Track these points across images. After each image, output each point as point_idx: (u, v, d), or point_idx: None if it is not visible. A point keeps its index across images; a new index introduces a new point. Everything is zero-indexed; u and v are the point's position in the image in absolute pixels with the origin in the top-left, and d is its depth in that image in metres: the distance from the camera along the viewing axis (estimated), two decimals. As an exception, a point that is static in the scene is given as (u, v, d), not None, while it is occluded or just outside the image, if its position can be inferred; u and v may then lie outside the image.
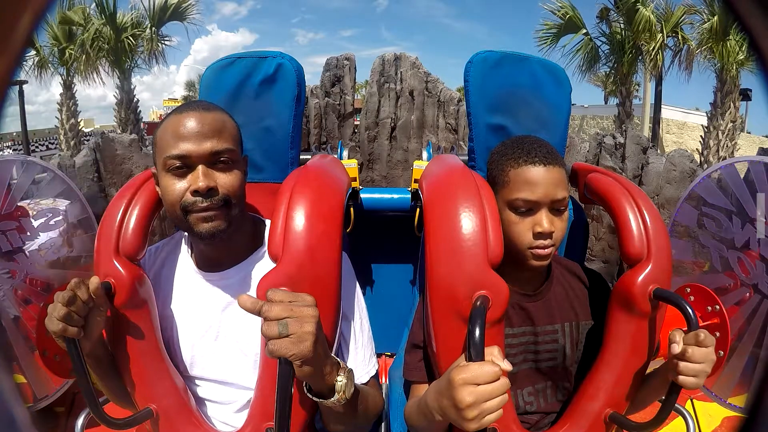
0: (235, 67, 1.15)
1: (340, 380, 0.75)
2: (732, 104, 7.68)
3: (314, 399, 0.76)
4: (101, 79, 8.72)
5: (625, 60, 8.02)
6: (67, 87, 8.71)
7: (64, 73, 8.59)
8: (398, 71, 4.76)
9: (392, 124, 4.68)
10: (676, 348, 0.75)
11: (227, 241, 0.89)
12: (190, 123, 0.82)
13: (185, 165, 0.81)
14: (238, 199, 0.85)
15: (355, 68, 4.71)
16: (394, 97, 4.72)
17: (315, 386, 0.75)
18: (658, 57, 7.95)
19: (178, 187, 0.81)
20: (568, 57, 8.61)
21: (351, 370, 0.78)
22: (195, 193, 0.80)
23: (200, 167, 0.81)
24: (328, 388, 0.75)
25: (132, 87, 8.88)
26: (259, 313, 0.68)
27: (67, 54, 8.21)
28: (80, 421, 0.90)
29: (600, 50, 8.62)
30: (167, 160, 0.82)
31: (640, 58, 8.15)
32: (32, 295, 1.19)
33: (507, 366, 0.69)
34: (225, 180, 0.82)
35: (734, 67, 7.32)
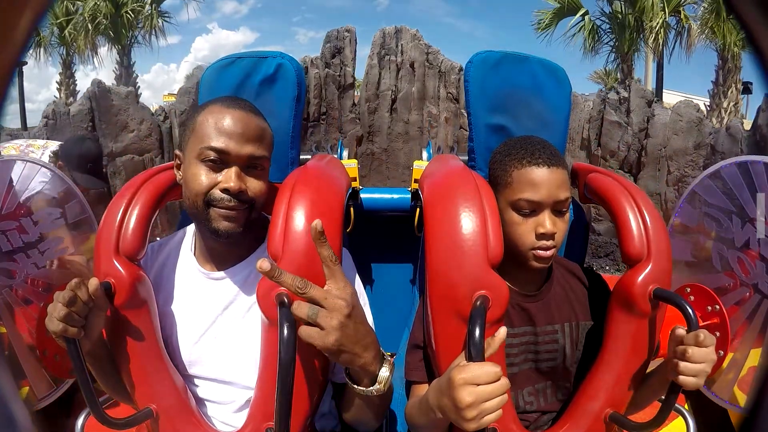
0: (235, 67, 1.15)
1: (384, 372, 0.76)
2: (734, 85, 7.61)
3: (353, 386, 0.76)
4: (100, 58, 8.71)
5: (627, 38, 7.93)
6: (67, 66, 8.67)
7: (64, 53, 8.56)
8: (399, 44, 4.70)
9: (393, 96, 4.63)
10: (678, 351, 0.76)
11: (238, 239, 0.89)
12: (236, 121, 0.83)
13: (221, 161, 0.83)
14: (261, 204, 0.87)
15: (356, 41, 4.65)
16: (394, 69, 4.67)
17: (354, 373, 0.76)
18: (659, 35, 7.90)
19: (208, 179, 0.83)
20: (568, 39, 8.57)
21: (393, 365, 0.79)
22: (225, 191, 0.82)
23: (235, 168, 0.83)
24: (369, 377, 0.75)
25: (132, 62, 8.82)
26: (272, 278, 0.68)
27: (66, 32, 8.17)
28: (80, 421, 0.91)
29: (600, 29, 8.53)
30: (204, 150, 0.82)
31: (641, 36, 8.08)
32: (32, 295, 1.19)
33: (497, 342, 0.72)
34: (255, 185, 0.85)
35: (735, 47, 7.25)
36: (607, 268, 2.98)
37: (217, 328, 0.90)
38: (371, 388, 0.75)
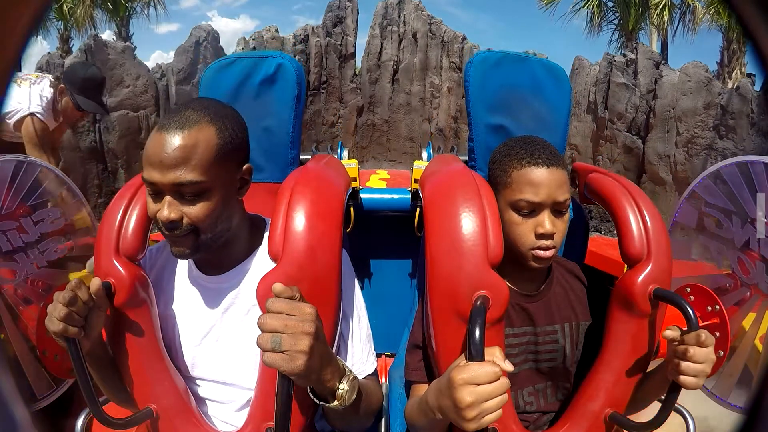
0: (235, 67, 1.15)
1: (342, 388, 0.74)
2: (738, 68, 7.48)
3: (316, 401, 0.76)
4: (98, 31, 8.60)
5: (632, 15, 7.82)
6: (64, 41, 8.64)
7: (62, 27, 8.53)
8: (401, 14, 4.63)
9: (395, 67, 4.54)
10: (678, 351, 0.76)
11: (223, 247, 0.88)
12: (158, 147, 0.77)
13: (155, 191, 0.79)
14: (211, 226, 0.81)
15: (358, 10, 4.58)
16: (396, 39, 4.58)
17: (317, 390, 0.75)
18: (664, 13, 7.83)
19: (153, 208, 0.80)
20: (572, 16, 8.52)
21: (355, 378, 0.78)
22: (161, 221, 0.79)
23: (166, 198, 0.78)
24: (329, 393, 0.74)
25: (130, 34, 8.78)
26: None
27: (64, 4, 8.13)
28: (80, 421, 0.90)
29: (605, 5, 8.48)
30: (143, 182, 0.80)
31: (646, 14, 8.01)
32: (32, 295, 1.19)
33: (509, 367, 0.69)
34: (191, 211, 0.79)
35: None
36: (615, 232, 2.94)
37: (218, 330, 0.90)
38: (332, 403, 0.74)
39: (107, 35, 8.64)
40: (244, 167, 0.87)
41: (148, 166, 0.78)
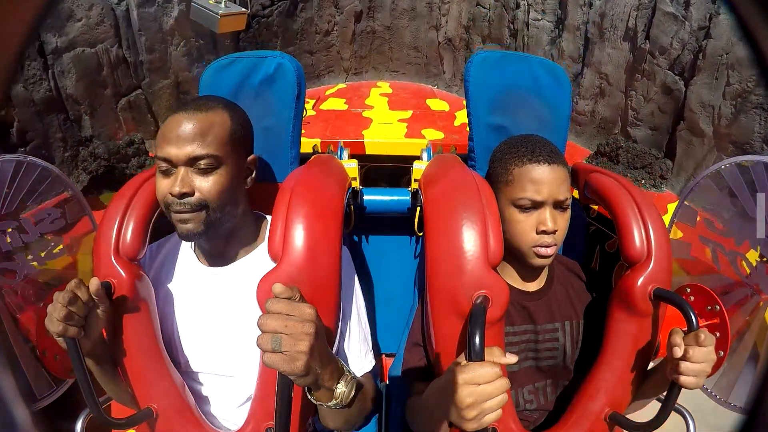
0: (234, 66, 1.16)
1: (340, 388, 0.74)
2: None
3: (313, 400, 0.76)
4: None
5: None
6: None
7: None
8: None
9: None
10: (678, 351, 0.75)
11: (227, 237, 0.90)
12: (176, 125, 0.83)
13: (170, 168, 0.83)
14: (220, 203, 0.85)
15: None
16: None
17: (315, 390, 0.75)
18: None
19: (163, 186, 0.84)
20: None
21: (354, 378, 0.78)
22: (172, 195, 0.83)
23: (180, 170, 0.83)
24: (328, 393, 0.75)
25: None
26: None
27: None
28: (80, 421, 0.91)
29: None
30: (156, 161, 0.85)
31: None
32: (32, 295, 1.18)
33: (512, 359, 0.69)
34: (204, 185, 0.83)
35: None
36: (643, 182, 2.52)
37: (219, 322, 0.91)
38: (330, 403, 0.75)
39: None
40: (250, 158, 0.92)
41: (163, 143, 0.83)
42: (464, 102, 1.16)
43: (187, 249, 0.97)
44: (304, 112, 2.50)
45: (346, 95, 3.09)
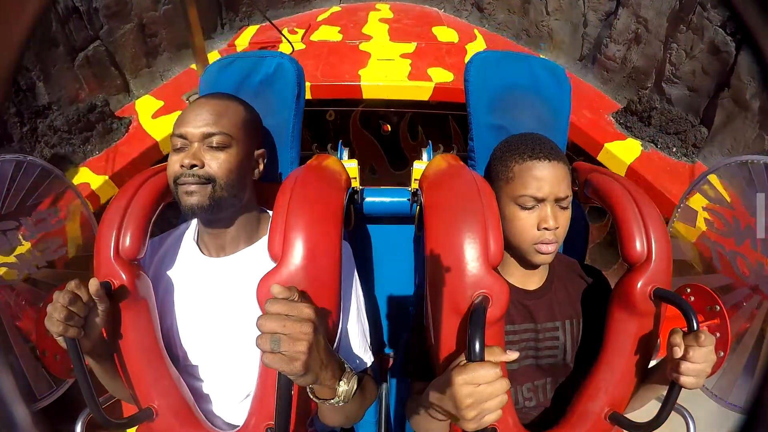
0: (234, 66, 1.16)
1: (342, 386, 0.75)
2: None
3: (314, 399, 0.76)
4: None
5: None
6: None
7: None
8: None
9: None
10: (678, 352, 0.75)
11: (229, 224, 0.92)
12: (195, 107, 0.90)
13: (185, 144, 0.88)
14: (228, 182, 0.88)
15: None
16: None
17: (316, 388, 0.75)
18: None
19: (175, 159, 0.88)
20: None
21: (354, 376, 0.78)
22: (182, 167, 0.86)
23: (194, 146, 0.87)
24: (328, 391, 0.75)
25: None
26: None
27: None
28: (80, 421, 0.91)
29: None
30: (171, 139, 0.89)
31: None
32: (32, 295, 1.18)
33: (512, 356, 0.69)
34: (214, 161, 0.87)
35: None
36: (674, 149, 2.28)
37: (219, 312, 0.91)
38: (332, 400, 0.75)
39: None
40: (259, 151, 0.98)
41: (181, 123, 0.89)
42: (475, 31, 1.12)
43: (189, 240, 0.98)
44: (292, 48, 2.30)
45: (340, 22, 2.71)
